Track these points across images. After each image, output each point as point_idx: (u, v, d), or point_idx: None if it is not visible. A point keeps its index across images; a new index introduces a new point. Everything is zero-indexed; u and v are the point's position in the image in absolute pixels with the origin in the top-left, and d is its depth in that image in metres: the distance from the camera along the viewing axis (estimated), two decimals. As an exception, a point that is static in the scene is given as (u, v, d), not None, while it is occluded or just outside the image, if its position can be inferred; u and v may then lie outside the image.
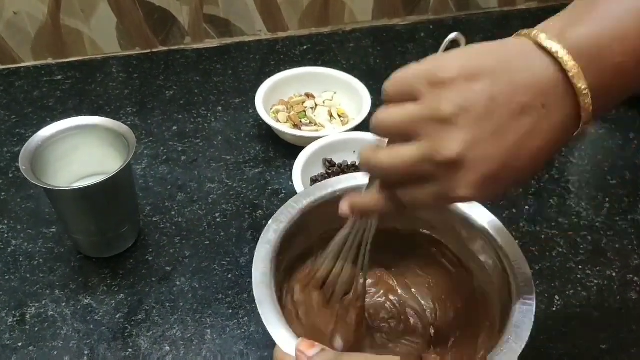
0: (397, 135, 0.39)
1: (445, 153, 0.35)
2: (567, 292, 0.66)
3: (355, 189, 0.55)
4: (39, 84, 0.94)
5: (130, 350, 0.60)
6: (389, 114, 0.39)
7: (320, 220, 0.54)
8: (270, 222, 0.52)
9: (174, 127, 0.86)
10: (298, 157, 0.74)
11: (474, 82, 0.35)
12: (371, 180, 0.43)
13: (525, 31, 0.37)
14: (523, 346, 0.44)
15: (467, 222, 0.54)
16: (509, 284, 0.49)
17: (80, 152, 0.67)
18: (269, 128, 0.85)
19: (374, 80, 0.93)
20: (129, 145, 0.63)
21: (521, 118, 0.35)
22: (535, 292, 0.47)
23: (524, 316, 0.46)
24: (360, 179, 0.56)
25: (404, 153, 0.38)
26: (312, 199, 0.54)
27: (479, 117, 0.35)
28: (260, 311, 0.45)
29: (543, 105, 0.35)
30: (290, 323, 0.45)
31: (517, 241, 0.52)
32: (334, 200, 0.54)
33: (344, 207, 0.44)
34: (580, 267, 0.69)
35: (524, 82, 0.35)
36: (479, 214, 0.53)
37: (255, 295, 0.46)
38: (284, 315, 0.45)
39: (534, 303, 0.47)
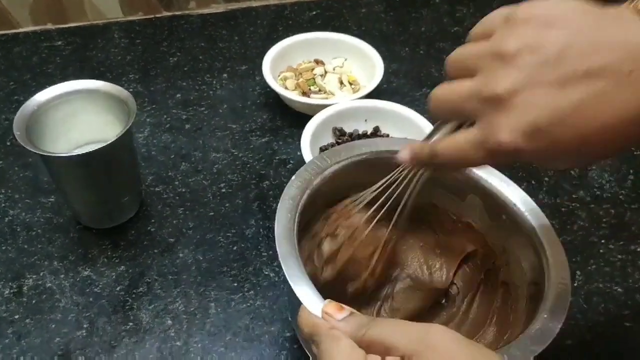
0: (462, 70, 0.36)
1: (492, 87, 0.32)
2: (589, 268, 0.63)
3: (378, 151, 0.53)
4: (38, 49, 0.90)
5: (130, 323, 0.58)
6: (463, 47, 0.36)
7: (343, 183, 0.51)
8: (293, 177, 0.48)
9: (178, 95, 0.83)
10: (307, 126, 0.70)
11: (552, 28, 0.31)
12: (435, 128, 0.41)
13: (625, 3, 0.33)
14: (560, 325, 0.41)
15: (496, 199, 0.51)
16: (541, 266, 0.46)
17: (79, 118, 0.64)
18: (276, 96, 0.81)
19: (386, 46, 0.89)
20: (130, 111, 0.60)
21: (597, 78, 0.30)
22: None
23: (558, 295, 0.43)
24: (389, 144, 0.53)
25: (458, 87, 0.35)
26: (336, 159, 0.51)
27: (545, 61, 0.31)
28: (284, 267, 0.42)
29: (630, 72, 0.30)
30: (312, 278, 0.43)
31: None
32: (360, 162, 0.52)
33: (404, 152, 0.42)
34: (602, 241, 0.65)
35: (612, 41, 0.31)
36: (510, 191, 0.50)
37: (278, 250, 0.43)
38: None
39: (569, 282, 0.44)
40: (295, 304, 0.40)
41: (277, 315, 0.58)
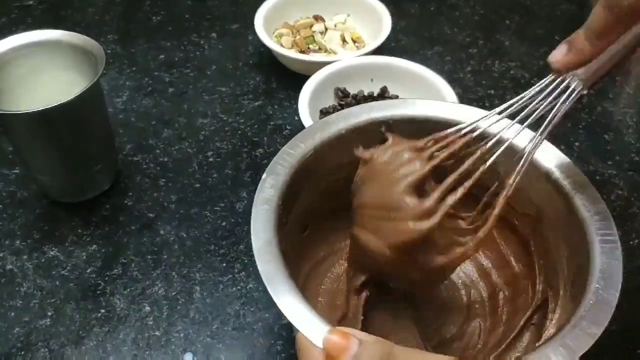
0: None
1: None
2: (631, 242, 0.55)
3: (371, 126, 0.44)
4: (8, 10, 0.82)
5: (102, 310, 0.50)
6: None
7: (329, 164, 0.44)
8: (264, 175, 0.40)
9: (161, 56, 0.74)
10: (305, 86, 0.62)
11: None
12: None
13: None
14: (617, 294, 0.34)
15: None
16: (578, 221, 0.38)
17: (42, 76, 0.55)
18: (270, 56, 0.72)
19: (393, 3, 0.80)
20: (98, 63, 0.51)
21: None
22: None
23: (608, 257, 0.35)
24: (385, 109, 0.44)
25: None
26: (314, 141, 0.43)
27: None
28: (270, 291, 0.34)
29: None
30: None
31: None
32: (342, 138, 0.43)
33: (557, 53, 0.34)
34: (645, 212, 0.57)
35: None
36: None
37: (260, 271, 0.35)
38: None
39: (616, 238, 0.36)
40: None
41: (272, 300, 0.50)
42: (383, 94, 0.66)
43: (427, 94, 0.62)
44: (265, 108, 0.68)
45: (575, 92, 0.35)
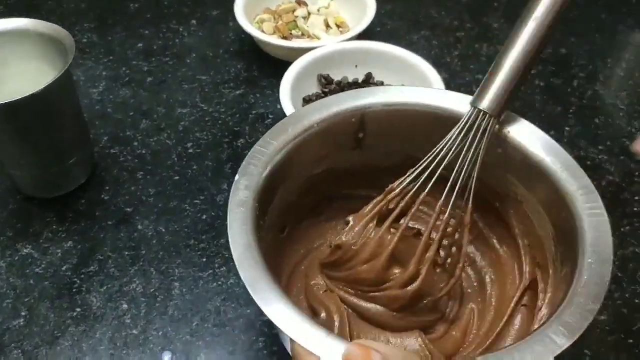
0: None
1: None
2: (622, 229, 0.53)
3: (346, 116, 0.42)
4: (-20, -2, 0.79)
5: (78, 309, 0.48)
6: None
7: (305, 159, 0.42)
8: (237, 177, 0.38)
9: (139, 45, 0.72)
10: (286, 73, 0.60)
11: None
12: None
13: None
14: (610, 267, 0.33)
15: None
16: (563, 198, 0.36)
17: (9, 67, 0.53)
18: (252, 43, 0.70)
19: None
20: (68, 52, 0.49)
21: None
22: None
23: (597, 231, 0.34)
24: (359, 98, 0.42)
25: None
26: (286, 137, 0.40)
27: None
28: (255, 299, 0.32)
29: None
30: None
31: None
32: (316, 132, 0.41)
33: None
34: (636, 197, 0.56)
35: None
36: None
37: (243, 279, 0.33)
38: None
39: (603, 211, 0.35)
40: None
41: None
42: (368, 80, 0.64)
43: (413, 80, 0.60)
44: (246, 97, 0.66)
45: (489, 128, 0.38)
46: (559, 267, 0.37)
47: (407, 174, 0.40)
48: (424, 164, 0.39)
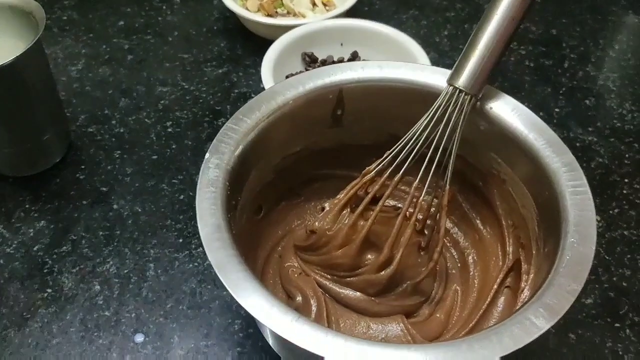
0: None
1: None
2: (611, 212, 0.52)
3: (321, 93, 0.40)
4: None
5: (49, 290, 0.47)
6: None
7: (280, 137, 0.40)
8: (207, 155, 0.36)
9: (120, 22, 0.70)
10: (268, 51, 0.58)
11: None
12: None
13: None
14: (594, 247, 0.32)
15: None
16: (546, 175, 0.35)
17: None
18: (236, 21, 0.69)
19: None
20: (39, 25, 0.47)
21: None
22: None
23: (580, 209, 0.33)
24: (334, 74, 0.41)
25: None
26: (260, 114, 0.39)
27: None
28: (224, 282, 0.31)
29: None
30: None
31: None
32: (290, 109, 0.40)
33: None
34: (626, 180, 0.54)
35: None
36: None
37: (211, 261, 0.32)
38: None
39: (587, 189, 0.34)
40: None
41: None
42: (354, 59, 0.62)
43: (399, 58, 0.58)
44: (229, 75, 0.64)
45: (466, 106, 0.37)
46: (542, 247, 0.36)
47: (385, 155, 0.38)
48: (401, 144, 0.38)
